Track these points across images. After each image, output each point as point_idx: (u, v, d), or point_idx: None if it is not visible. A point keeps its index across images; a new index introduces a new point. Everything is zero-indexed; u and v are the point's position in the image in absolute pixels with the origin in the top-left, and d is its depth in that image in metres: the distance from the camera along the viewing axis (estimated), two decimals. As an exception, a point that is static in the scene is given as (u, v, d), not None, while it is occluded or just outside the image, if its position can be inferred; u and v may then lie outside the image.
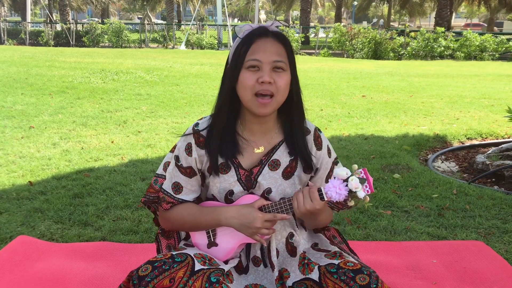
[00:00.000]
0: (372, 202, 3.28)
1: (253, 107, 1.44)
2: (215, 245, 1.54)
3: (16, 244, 2.53)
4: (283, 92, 1.44)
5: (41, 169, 3.99)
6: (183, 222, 1.55)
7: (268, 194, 1.51)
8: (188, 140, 1.52)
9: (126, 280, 1.39)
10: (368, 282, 1.33)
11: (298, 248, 1.55)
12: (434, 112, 6.90)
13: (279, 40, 1.44)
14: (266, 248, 1.54)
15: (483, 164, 4.14)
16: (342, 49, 20.58)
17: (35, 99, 7.26)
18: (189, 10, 57.75)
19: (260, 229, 1.43)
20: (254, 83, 1.41)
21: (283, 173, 1.52)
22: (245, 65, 1.42)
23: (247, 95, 1.43)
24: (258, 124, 1.51)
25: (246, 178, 1.50)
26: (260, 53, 1.41)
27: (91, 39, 23.64)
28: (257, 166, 1.51)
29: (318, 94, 8.48)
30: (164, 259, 1.37)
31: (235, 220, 1.45)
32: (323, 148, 1.57)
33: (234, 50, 1.45)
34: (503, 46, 18.31)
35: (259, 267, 1.54)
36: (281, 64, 1.42)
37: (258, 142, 1.53)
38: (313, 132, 1.57)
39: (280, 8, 46.88)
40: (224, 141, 1.49)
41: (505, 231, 2.86)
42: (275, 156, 1.52)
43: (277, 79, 1.42)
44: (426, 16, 47.87)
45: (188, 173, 1.52)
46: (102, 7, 47.32)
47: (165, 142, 4.96)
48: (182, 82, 9.68)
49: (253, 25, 1.47)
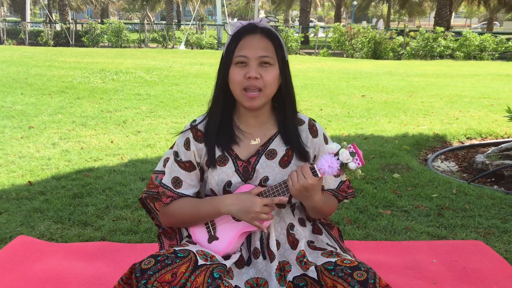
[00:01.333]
0: (372, 202, 3.28)
1: (243, 101, 1.50)
2: (216, 239, 1.55)
3: (15, 244, 2.53)
4: (270, 86, 1.49)
5: (40, 169, 3.99)
6: (183, 215, 1.57)
7: (265, 182, 1.55)
8: (186, 135, 1.58)
9: (128, 273, 1.41)
10: (366, 278, 1.34)
11: (300, 241, 1.55)
12: (433, 112, 6.90)
13: (266, 36, 1.50)
14: (265, 239, 1.55)
15: (482, 164, 4.14)
16: (342, 49, 20.59)
17: (34, 99, 7.26)
18: (188, 10, 57.76)
19: (259, 214, 1.45)
20: (242, 79, 1.47)
21: (280, 162, 1.56)
22: (234, 61, 1.48)
23: (236, 89, 1.50)
24: (252, 117, 1.57)
25: (243, 169, 1.54)
26: (247, 49, 1.47)
27: (90, 39, 23.63)
28: (254, 155, 1.55)
29: (318, 94, 8.48)
30: (167, 253, 1.39)
31: (234, 206, 1.48)
32: (319, 135, 1.61)
33: (226, 47, 1.51)
34: (503, 45, 18.32)
35: (258, 259, 1.55)
36: (267, 59, 1.48)
37: (254, 134, 1.57)
38: (308, 122, 1.62)
39: (279, 8, 46.88)
40: (221, 132, 1.54)
41: (504, 231, 2.87)
42: (272, 146, 1.57)
43: (264, 74, 1.47)
44: (425, 15, 47.87)
45: (188, 167, 1.57)
46: (101, 7, 47.30)
47: (164, 142, 4.96)
48: (182, 82, 9.68)
49: (243, 22, 1.53)
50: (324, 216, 1.66)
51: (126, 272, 1.41)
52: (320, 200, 1.51)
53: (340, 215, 3.05)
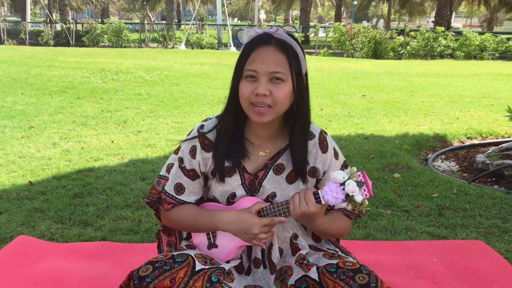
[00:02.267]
0: (372, 202, 3.28)
1: (250, 115, 1.41)
2: (215, 247, 1.54)
3: (16, 244, 2.53)
4: (281, 103, 1.39)
5: (41, 169, 3.99)
6: (183, 223, 1.55)
7: (272, 198, 1.50)
8: (193, 143, 1.50)
9: (127, 280, 1.39)
10: (368, 281, 1.33)
11: (302, 250, 1.54)
12: (434, 112, 6.90)
13: (281, 49, 1.37)
14: (267, 249, 1.54)
15: (483, 164, 4.14)
16: (342, 49, 20.58)
17: (35, 99, 7.26)
18: (188, 10, 57.74)
19: (257, 235, 1.42)
20: (250, 94, 1.37)
21: (287, 177, 1.50)
22: (243, 74, 1.38)
23: (244, 104, 1.40)
24: (262, 128, 1.48)
25: (250, 183, 1.50)
26: (257, 63, 1.36)
27: (91, 39, 23.64)
28: (262, 170, 1.50)
29: (318, 94, 8.48)
30: (165, 259, 1.37)
31: (233, 226, 1.45)
32: (329, 150, 1.54)
33: (238, 57, 1.42)
34: (503, 45, 18.31)
35: (258, 269, 1.54)
36: (279, 75, 1.36)
37: (264, 146, 1.51)
38: (318, 135, 1.53)
39: (280, 7, 46.88)
40: (232, 145, 1.47)
41: (505, 231, 2.86)
42: (280, 160, 1.51)
43: (275, 91, 1.37)
44: (426, 15, 47.85)
45: (191, 175, 1.52)
46: (102, 7, 47.30)
47: (165, 142, 4.96)
48: (182, 82, 9.68)
49: (258, 31, 1.41)
50: (332, 237, 1.59)
51: (125, 279, 1.39)
52: (322, 224, 1.45)
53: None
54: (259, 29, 1.43)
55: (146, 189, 3.48)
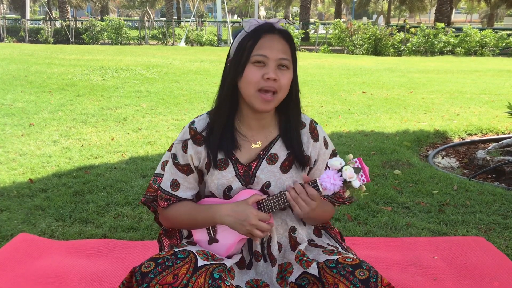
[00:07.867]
0: (373, 198, 3.28)
1: (255, 102, 1.44)
2: (216, 241, 1.54)
3: (17, 242, 2.53)
4: (285, 90, 1.45)
5: (41, 166, 3.99)
6: (181, 220, 1.56)
7: (267, 188, 1.52)
8: (184, 138, 1.53)
9: (128, 276, 1.39)
10: (368, 276, 1.33)
11: (301, 244, 1.54)
12: (434, 108, 6.89)
13: (285, 38, 1.45)
14: (266, 242, 1.54)
15: (483, 160, 4.13)
16: (342, 45, 20.56)
17: (35, 97, 7.26)
18: (188, 7, 57.65)
19: (255, 226, 1.43)
20: (259, 79, 1.41)
21: (281, 166, 1.53)
22: (251, 59, 1.42)
23: (250, 90, 1.43)
24: (256, 119, 1.52)
25: (244, 174, 1.51)
26: (267, 49, 1.41)
27: (90, 36, 23.61)
28: (255, 160, 1.52)
29: (318, 91, 8.47)
30: (167, 255, 1.38)
31: (230, 218, 1.45)
32: (320, 139, 1.58)
33: (238, 44, 1.45)
34: (504, 41, 18.29)
35: (259, 262, 1.54)
36: (286, 62, 1.43)
37: (255, 137, 1.54)
38: (309, 125, 1.58)
39: (279, 4, 46.81)
40: (224, 137, 1.50)
41: (505, 227, 2.87)
42: (273, 150, 1.53)
43: (281, 77, 1.43)
44: (426, 11, 47.75)
45: (185, 170, 1.54)
46: (101, 4, 47.21)
47: (165, 139, 4.96)
48: (182, 79, 9.67)
49: (259, 21, 1.46)
50: (320, 223, 1.65)
51: (127, 276, 1.39)
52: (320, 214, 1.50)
53: (341, 211, 3.05)
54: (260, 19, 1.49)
55: (147, 187, 3.48)
